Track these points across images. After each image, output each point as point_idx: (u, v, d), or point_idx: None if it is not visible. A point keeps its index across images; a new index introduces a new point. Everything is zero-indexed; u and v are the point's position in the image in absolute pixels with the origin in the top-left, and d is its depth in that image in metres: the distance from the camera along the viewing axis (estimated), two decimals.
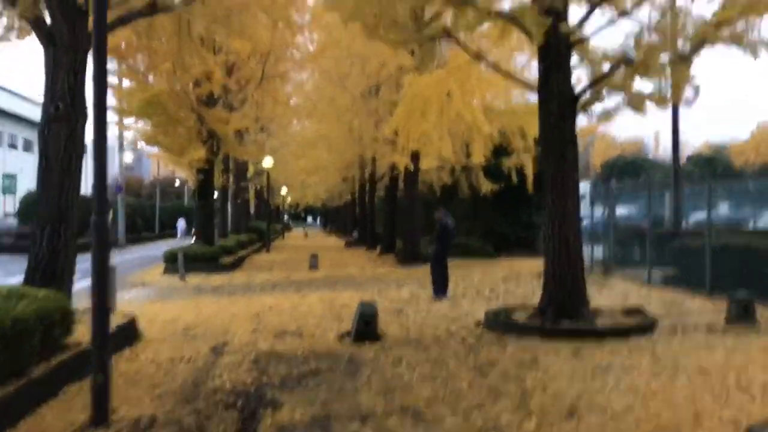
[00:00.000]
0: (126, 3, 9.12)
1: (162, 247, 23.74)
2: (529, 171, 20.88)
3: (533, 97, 20.21)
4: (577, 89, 9.29)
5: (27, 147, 55.47)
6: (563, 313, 8.80)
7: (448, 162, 21.92)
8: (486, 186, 22.10)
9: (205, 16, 10.27)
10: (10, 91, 50.26)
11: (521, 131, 19.84)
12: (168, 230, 50.16)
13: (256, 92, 20.17)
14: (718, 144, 75.90)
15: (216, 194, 26.22)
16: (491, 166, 21.42)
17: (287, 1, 17.86)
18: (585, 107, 9.41)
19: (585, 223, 16.91)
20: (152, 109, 17.70)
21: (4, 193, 35.11)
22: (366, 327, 8.17)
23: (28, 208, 32.86)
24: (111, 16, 9.16)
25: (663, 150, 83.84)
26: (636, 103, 9.41)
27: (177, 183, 74.76)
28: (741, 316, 8.79)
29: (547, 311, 8.94)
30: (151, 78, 18.41)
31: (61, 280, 8.01)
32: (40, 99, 8.42)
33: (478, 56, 9.18)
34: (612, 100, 9.81)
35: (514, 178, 21.28)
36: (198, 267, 18.83)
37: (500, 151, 21.16)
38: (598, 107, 9.72)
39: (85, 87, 8.57)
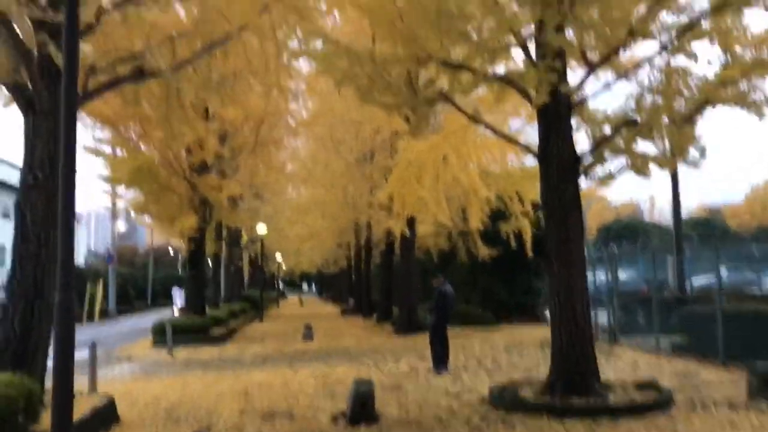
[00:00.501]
0: (112, 69, 8.92)
1: (154, 317, 23.04)
2: (528, 235, 20.47)
3: (530, 161, 20.12)
4: (578, 151, 8.99)
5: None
6: (573, 389, 8.23)
7: (445, 227, 21.54)
8: (484, 251, 21.63)
9: (195, 83, 10.07)
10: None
11: (518, 195, 19.54)
12: (162, 300, 49.26)
13: (249, 159, 19.95)
14: (712, 206, 76.12)
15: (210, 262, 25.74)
16: (489, 231, 21.01)
17: (280, 68, 17.85)
18: (587, 170, 9.10)
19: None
20: (143, 177, 17.39)
21: None
22: (362, 408, 7.56)
23: None
24: (96, 82, 8.97)
25: (658, 213, 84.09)
26: (640, 165, 9.13)
27: (171, 252, 74.14)
28: (762, 389, 8.21)
29: (555, 386, 8.36)
30: (142, 146, 18.22)
31: (33, 362, 7.43)
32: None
33: (475, 119, 8.90)
34: (611, 162, 9.61)
35: (513, 242, 20.82)
36: (187, 339, 18.14)
37: (498, 215, 20.79)
38: (598, 170, 9.48)
39: None
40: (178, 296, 38.02)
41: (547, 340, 16.43)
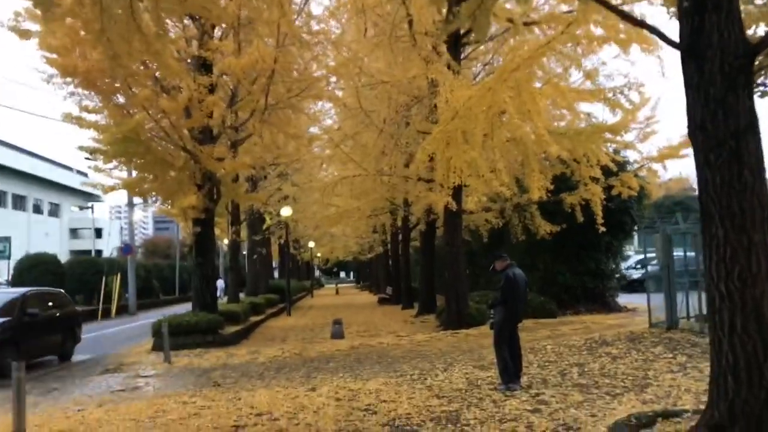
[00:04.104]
0: None
1: (178, 311, 20.08)
2: (597, 207, 16.84)
3: (602, 116, 16.43)
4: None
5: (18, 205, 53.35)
6: None
7: (499, 199, 18.14)
8: (545, 227, 18.03)
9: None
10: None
11: (586, 157, 15.96)
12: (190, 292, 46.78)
13: (264, 127, 16.58)
14: None
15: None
16: (549, 203, 17.45)
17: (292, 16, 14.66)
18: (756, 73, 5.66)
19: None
20: (132, 148, 14.37)
21: None
22: None
23: (22, 274, 29.82)
24: None
25: None
26: None
27: None
28: None
29: (724, 430, 4.98)
30: (134, 113, 15.21)
31: None
32: None
33: None
34: None
35: (579, 216, 17.22)
36: (193, 341, 15.20)
37: (561, 183, 17.25)
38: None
39: None
40: (221, 286, 33.77)
41: (633, 333, 13.04)
